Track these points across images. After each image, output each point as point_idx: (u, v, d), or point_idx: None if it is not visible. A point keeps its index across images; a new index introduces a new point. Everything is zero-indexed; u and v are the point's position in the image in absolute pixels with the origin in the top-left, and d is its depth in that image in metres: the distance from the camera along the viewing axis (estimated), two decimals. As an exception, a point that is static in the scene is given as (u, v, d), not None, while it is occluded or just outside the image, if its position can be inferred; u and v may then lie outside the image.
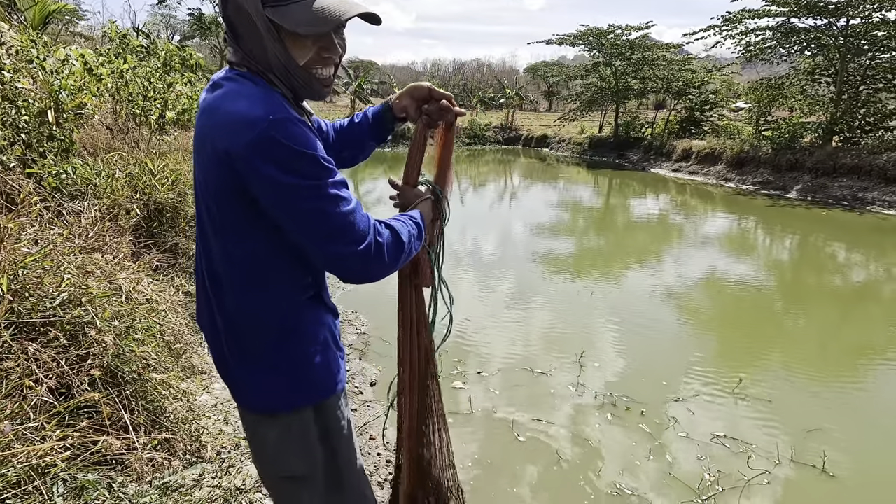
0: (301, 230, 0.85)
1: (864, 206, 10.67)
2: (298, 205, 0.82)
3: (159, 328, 2.25)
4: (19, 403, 1.42)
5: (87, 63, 3.90)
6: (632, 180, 15.68)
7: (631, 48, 19.91)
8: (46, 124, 3.03)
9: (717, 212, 10.84)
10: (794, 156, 13.02)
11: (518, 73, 50.26)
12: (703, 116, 19.26)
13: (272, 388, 0.96)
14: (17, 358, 1.52)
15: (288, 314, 0.94)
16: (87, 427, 1.55)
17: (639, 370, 3.71)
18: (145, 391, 1.99)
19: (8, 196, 2.50)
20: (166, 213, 3.29)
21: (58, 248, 2.31)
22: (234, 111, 0.82)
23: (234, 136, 0.80)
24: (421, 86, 1.17)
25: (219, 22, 20.10)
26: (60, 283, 1.89)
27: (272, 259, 0.91)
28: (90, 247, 2.52)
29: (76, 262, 2.26)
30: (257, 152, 0.79)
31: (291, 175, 0.80)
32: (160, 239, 3.18)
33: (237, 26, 0.88)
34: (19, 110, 2.86)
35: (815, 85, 14.57)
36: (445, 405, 1.40)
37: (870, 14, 12.63)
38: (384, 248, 0.91)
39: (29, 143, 2.85)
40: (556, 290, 5.49)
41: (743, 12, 14.34)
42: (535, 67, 40.99)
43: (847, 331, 4.84)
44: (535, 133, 26.59)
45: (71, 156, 3.15)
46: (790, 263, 7.44)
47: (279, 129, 0.79)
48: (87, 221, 2.71)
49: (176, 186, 3.45)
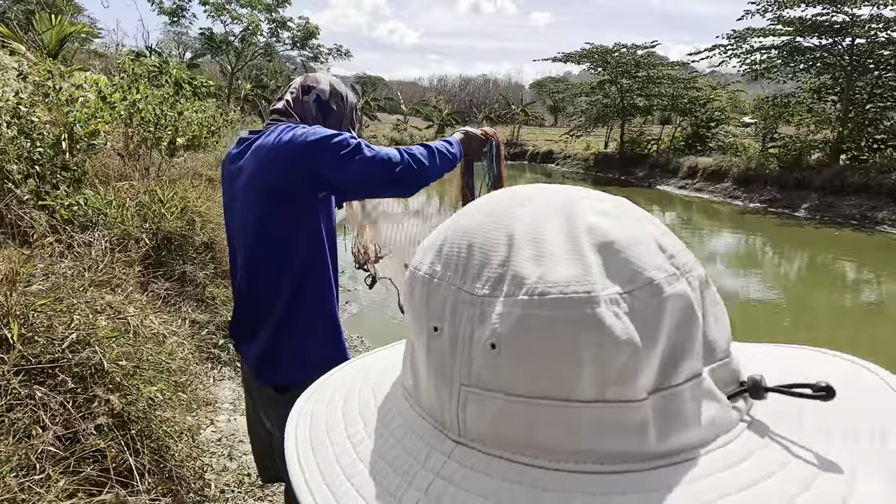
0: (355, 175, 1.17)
1: (873, 225, 10.58)
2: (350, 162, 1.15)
3: (167, 365, 2.26)
4: (26, 453, 1.43)
5: (101, 91, 3.99)
6: (638, 196, 15.67)
7: (636, 66, 20.06)
8: (60, 155, 3.09)
9: (727, 231, 10.80)
10: (801, 174, 12.97)
11: (524, 88, 50.71)
12: (708, 133, 19.29)
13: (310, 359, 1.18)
14: (25, 405, 1.53)
15: (327, 299, 1.23)
16: (92, 474, 1.55)
17: None
18: (150, 430, 2.00)
19: (20, 230, 2.54)
20: (175, 242, 3.32)
21: (68, 282, 2.34)
22: (305, 131, 1.13)
23: (313, 140, 1.13)
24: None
25: (229, 41, 20.48)
26: (69, 323, 1.91)
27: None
28: (99, 280, 2.55)
29: (85, 298, 2.28)
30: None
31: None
32: (168, 268, 3.21)
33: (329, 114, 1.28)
34: (34, 142, 2.92)
35: (822, 103, 14.58)
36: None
37: (875, 34, 12.66)
38: (415, 153, 1.22)
39: (42, 175, 2.90)
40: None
41: (748, 31, 14.43)
42: (541, 83, 41.43)
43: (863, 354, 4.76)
44: (540, 149, 26.71)
45: (84, 186, 3.20)
46: (809, 285, 7.36)
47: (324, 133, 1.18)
48: (98, 253, 2.74)
49: (185, 214, 3.49)
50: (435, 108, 28.16)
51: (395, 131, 25.06)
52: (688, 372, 0.27)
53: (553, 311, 0.25)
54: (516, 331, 0.25)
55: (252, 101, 23.36)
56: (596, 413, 0.25)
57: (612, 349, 0.25)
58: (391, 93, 39.83)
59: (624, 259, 0.26)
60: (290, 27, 21.67)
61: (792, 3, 13.10)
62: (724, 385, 0.28)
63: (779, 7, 13.38)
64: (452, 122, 27.71)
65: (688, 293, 0.27)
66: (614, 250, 0.26)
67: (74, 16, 22.15)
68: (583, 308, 0.25)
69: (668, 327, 0.26)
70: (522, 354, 0.26)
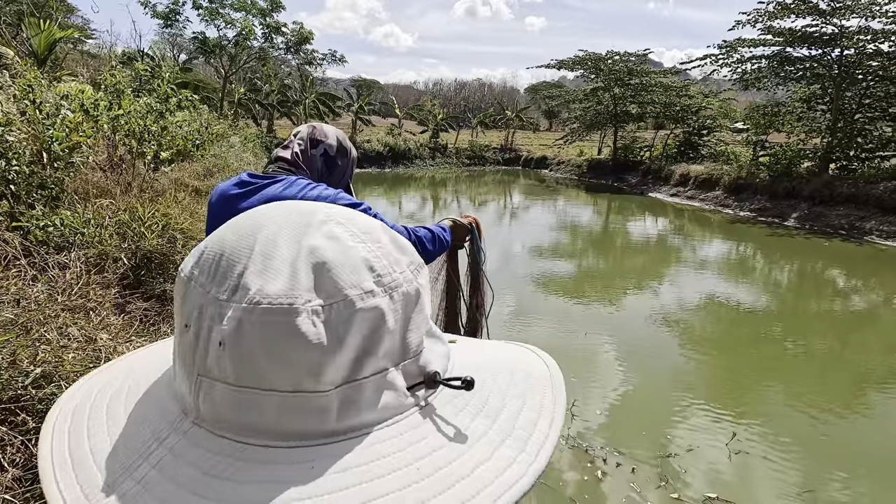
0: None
1: (861, 235, 10.66)
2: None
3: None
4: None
5: (84, 104, 3.93)
6: (631, 203, 15.73)
7: (629, 73, 20.16)
8: (37, 174, 3.04)
9: (718, 240, 10.84)
10: (791, 183, 13.07)
11: (519, 93, 50.85)
12: (700, 141, 19.40)
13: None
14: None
15: None
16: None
17: (632, 419, 3.66)
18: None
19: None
20: (155, 261, 3.27)
21: (39, 308, 2.29)
22: (329, 194, 1.19)
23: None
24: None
25: (222, 45, 20.39)
26: (35, 356, 1.87)
27: None
28: (73, 304, 2.50)
29: (57, 324, 2.23)
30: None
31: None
32: (147, 287, 3.16)
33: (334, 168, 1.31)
34: (9, 161, 2.87)
35: (811, 112, 14.71)
36: None
37: (864, 45, 12.80)
38: (422, 237, 1.33)
39: (17, 195, 2.85)
40: (549, 327, 5.45)
41: (739, 41, 14.54)
42: (536, 88, 41.57)
43: (850, 371, 4.78)
44: (534, 154, 26.77)
45: (61, 204, 3.15)
46: (800, 296, 7.39)
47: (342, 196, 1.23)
48: (73, 276, 2.69)
49: (166, 232, 3.44)
50: (430, 112, 28.16)
51: (390, 136, 25.01)
52: (373, 368, 0.33)
53: (262, 318, 0.31)
54: (235, 332, 0.31)
55: (245, 105, 23.28)
56: (291, 401, 0.31)
57: (304, 350, 0.31)
58: (386, 96, 39.78)
59: (330, 277, 0.32)
60: (283, 32, 21.60)
61: (782, 15, 13.22)
62: (412, 377, 0.35)
63: (769, 18, 13.50)
64: (447, 127, 27.71)
65: (381, 307, 0.33)
66: (325, 270, 0.32)
67: (67, 16, 21.98)
68: (285, 316, 0.31)
69: (357, 334, 0.32)
70: (238, 352, 0.31)
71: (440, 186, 19.70)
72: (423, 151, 25.30)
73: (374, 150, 23.40)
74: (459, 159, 26.37)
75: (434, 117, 26.96)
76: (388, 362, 0.34)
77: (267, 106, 23.66)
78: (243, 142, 11.76)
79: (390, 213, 12.88)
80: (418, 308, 0.36)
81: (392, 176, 21.72)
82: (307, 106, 23.53)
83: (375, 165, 23.21)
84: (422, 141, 25.86)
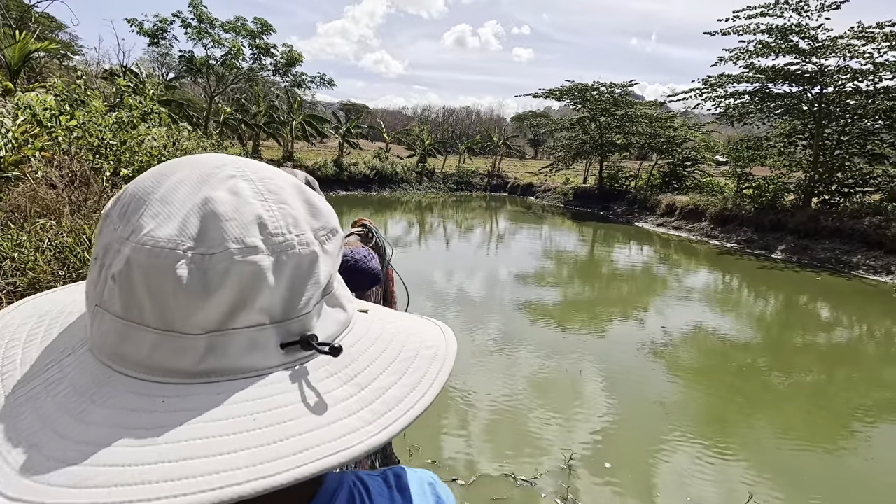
0: None
1: (848, 269, 10.65)
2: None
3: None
4: None
5: (37, 115, 3.58)
6: (616, 232, 15.67)
7: (615, 104, 20.49)
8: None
9: (714, 271, 10.72)
10: (776, 216, 13.15)
11: (505, 121, 51.67)
12: (685, 172, 19.65)
13: None
14: None
15: None
16: None
17: (615, 452, 3.40)
18: None
19: None
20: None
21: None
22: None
23: None
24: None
25: (210, 64, 20.22)
26: None
27: None
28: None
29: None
30: None
31: None
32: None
33: None
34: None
35: (792, 147, 14.98)
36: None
37: (843, 84, 13.13)
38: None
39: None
40: (533, 354, 5.12)
41: (722, 77, 14.85)
42: (522, 117, 42.23)
43: (840, 406, 4.53)
44: (521, 181, 26.89)
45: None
46: (806, 330, 7.20)
47: None
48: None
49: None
50: (418, 136, 28.22)
51: (377, 159, 24.89)
52: (246, 321, 0.34)
53: (147, 258, 0.33)
54: (124, 269, 0.33)
55: (231, 124, 22.98)
56: (162, 338, 0.33)
57: (177, 294, 0.32)
58: (374, 120, 39.96)
59: (217, 229, 0.33)
60: (272, 53, 21.54)
61: (763, 53, 13.55)
62: (291, 335, 0.36)
63: (751, 55, 13.83)
64: (435, 152, 27.73)
65: (261, 264, 0.34)
66: (214, 221, 0.34)
67: (55, 32, 21.64)
68: (165, 260, 0.33)
69: (233, 287, 0.33)
70: (125, 287, 0.33)
71: (426, 210, 19.50)
72: (410, 175, 25.19)
73: (360, 172, 23.19)
74: (446, 184, 26.32)
75: (422, 142, 26.99)
76: (265, 318, 0.35)
77: (253, 126, 23.41)
78: (224, 161, 11.37)
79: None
80: (312, 272, 0.37)
81: (378, 199, 21.48)
82: (294, 127, 23.34)
83: (361, 188, 22.98)
84: (409, 165, 25.78)
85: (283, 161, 22.61)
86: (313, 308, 0.37)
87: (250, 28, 20.47)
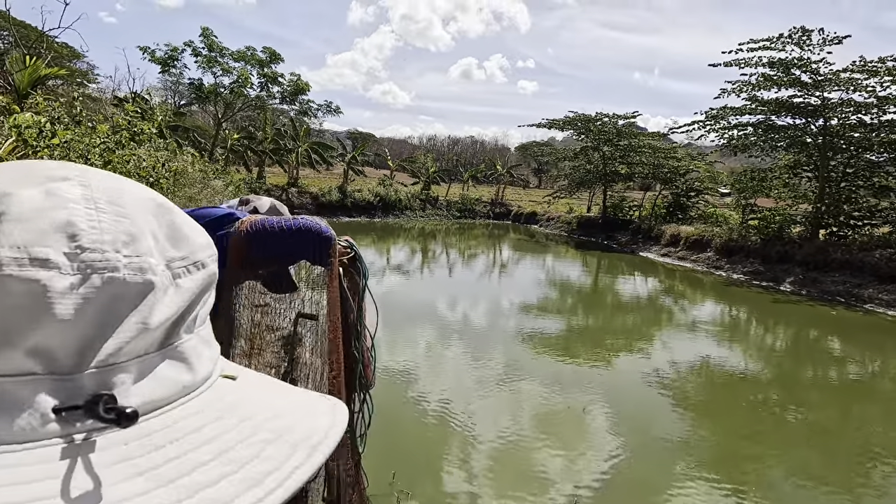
0: None
1: (860, 303, 10.35)
2: None
3: None
4: None
5: (22, 134, 3.49)
6: (621, 262, 15.46)
7: (618, 135, 20.62)
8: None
9: (718, 303, 10.44)
10: (783, 247, 12.93)
11: (510, 151, 52.26)
12: (689, 202, 19.56)
13: None
14: None
15: None
16: None
17: (625, 490, 3.20)
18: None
19: None
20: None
21: None
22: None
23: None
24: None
25: (218, 91, 20.60)
26: None
27: None
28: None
29: None
30: None
31: None
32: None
33: None
34: None
35: (797, 179, 14.88)
36: None
37: (846, 116, 13.12)
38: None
39: None
40: (547, 400, 4.84)
41: (725, 109, 14.91)
42: (526, 147, 42.69)
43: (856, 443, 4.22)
44: (524, 209, 26.91)
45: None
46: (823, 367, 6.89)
47: None
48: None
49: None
50: (423, 164, 28.44)
51: (381, 186, 25.02)
52: (5, 367, 0.25)
53: None
54: None
55: (238, 151, 23.25)
56: None
57: None
58: (380, 149, 40.47)
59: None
60: (280, 82, 21.97)
61: (766, 86, 13.62)
62: (79, 394, 0.26)
63: (753, 88, 13.91)
64: (439, 180, 27.89)
65: (46, 284, 0.26)
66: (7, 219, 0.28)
67: (72, 61, 22.22)
68: None
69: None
70: None
71: (429, 237, 19.41)
72: (413, 202, 25.27)
73: (364, 199, 23.28)
74: (450, 211, 26.36)
75: (426, 170, 27.18)
76: (38, 365, 0.25)
77: (259, 152, 23.68)
78: (227, 185, 11.38)
79: (378, 263, 12.39)
80: (137, 307, 0.28)
81: (381, 225, 21.45)
82: (300, 154, 23.57)
83: (365, 215, 23.00)
84: (413, 192, 25.88)
85: (287, 186, 22.75)
86: (131, 360, 0.28)
87: (259, 57, 20.93)
